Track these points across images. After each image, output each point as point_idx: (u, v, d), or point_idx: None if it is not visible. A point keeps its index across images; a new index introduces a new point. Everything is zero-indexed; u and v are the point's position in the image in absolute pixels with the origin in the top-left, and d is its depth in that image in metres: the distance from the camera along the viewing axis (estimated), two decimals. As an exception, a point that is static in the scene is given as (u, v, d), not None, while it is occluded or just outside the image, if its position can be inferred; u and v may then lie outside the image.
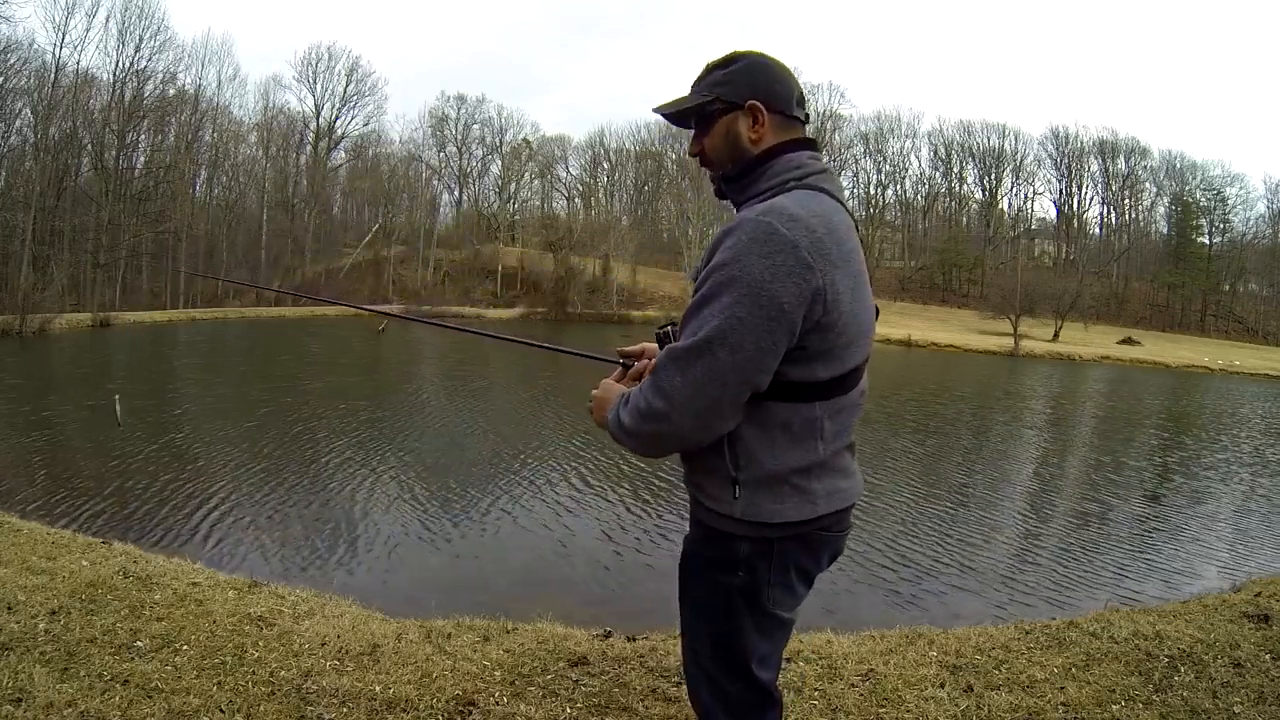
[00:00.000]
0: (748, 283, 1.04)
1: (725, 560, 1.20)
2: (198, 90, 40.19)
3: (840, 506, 1.21)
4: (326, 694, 2.09)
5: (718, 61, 1.24)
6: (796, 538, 1.19)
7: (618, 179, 59.61)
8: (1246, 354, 37.98)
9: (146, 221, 35.57)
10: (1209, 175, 53.75)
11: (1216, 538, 6.92)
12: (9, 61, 30.43)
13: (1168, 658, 2.50)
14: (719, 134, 1.22)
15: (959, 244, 54.42)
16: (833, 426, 1.17)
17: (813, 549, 1.23)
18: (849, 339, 1.13)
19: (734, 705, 1.25)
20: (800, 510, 1.16)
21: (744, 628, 1.22)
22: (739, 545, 1.18)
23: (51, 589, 2.71)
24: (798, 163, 1.18)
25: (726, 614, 1.22)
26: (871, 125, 55.66)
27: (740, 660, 1.23)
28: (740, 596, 1.20)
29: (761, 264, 1.03)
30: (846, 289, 1.09)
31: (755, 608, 1.21)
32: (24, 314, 21.03)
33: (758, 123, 1.19)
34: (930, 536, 6.33)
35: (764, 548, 1.18)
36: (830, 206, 1.13)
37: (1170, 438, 13.12)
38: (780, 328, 1.05)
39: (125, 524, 5.66)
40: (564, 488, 7.37)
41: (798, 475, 1.15)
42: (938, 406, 15.46)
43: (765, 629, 1.24)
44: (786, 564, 1.20)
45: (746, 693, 1.25)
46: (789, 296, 1.04)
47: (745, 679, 1.24)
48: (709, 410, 1.09)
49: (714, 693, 1.27)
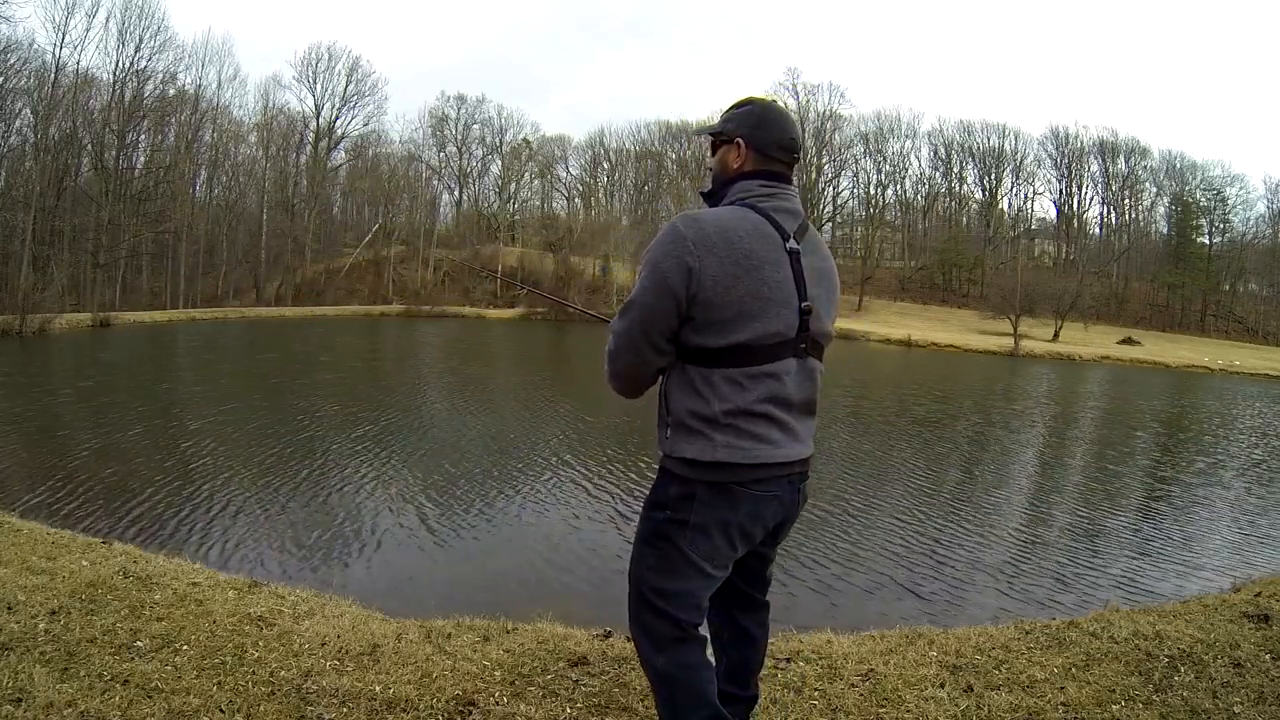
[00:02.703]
0: (651, 261, 1.43)
1: (658, 501, 1.50)
2: (198, 90, 40.27)
3: (739, 461, 1.42)
4: (326, 694, 2.09)
5: (735, 103, 1.60)
6: (713, 486, 1.43)
7: (618, 179, 59.65)
8: (1247, 354, 37.99)
9: (146, 221, 35.59)
10: (1209, 175, 53.82)
11: (1216, 538, 6.92)
12: (9, 61, 30.47)
13: (1168, 658, 2.50)
14: (718, 158, 1.60)
15: (959, 244, 54.41)
16: (731, 391, 1.42)
17: (730, 500, 1.44)
18: (728, 316, 1.40)
19: (654, 636, 1.49)
20: (701, 451, 1.42)
21: (662, 564, 1.48)
22: (670, 487, 1.48)
23: (51, 589, 2.71)
24: (746, 188, 1.52)
25: (652, 548, 1.50)
26: (871, 125, 55.69)
27: (658, 595, 1.48)
28: (663, 534, 1.48)
29: (660, 249, 1.43)
30: (723, 274, 1.39)
31: (674, 546, 1.46)
32: (24, 314, 21.01)
33: (739, 155, 1.54)
34: (930, 536, 6.33)
35: (687, 491, 1.45)
36: (740, 215, 1.45)
37: (1170, 438, 13.12)
38: (666, 294, 1.40)
39: (125, 524, 5.65)
40: (564, 488, 7.37)
41: (699, 422, 1.43)
42: (937, 406, 15.46)
43: (679, 568, 1.47)
44: (705, 508, 1.44)
45: (661, 625, 1.48)
46: (671, 273, 1.40)
47: (665, 616, 1.48)
48: (633, 350, 1.47)
49: (642, 630, 1.52)
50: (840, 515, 6.76)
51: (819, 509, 6.75)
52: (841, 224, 57.53)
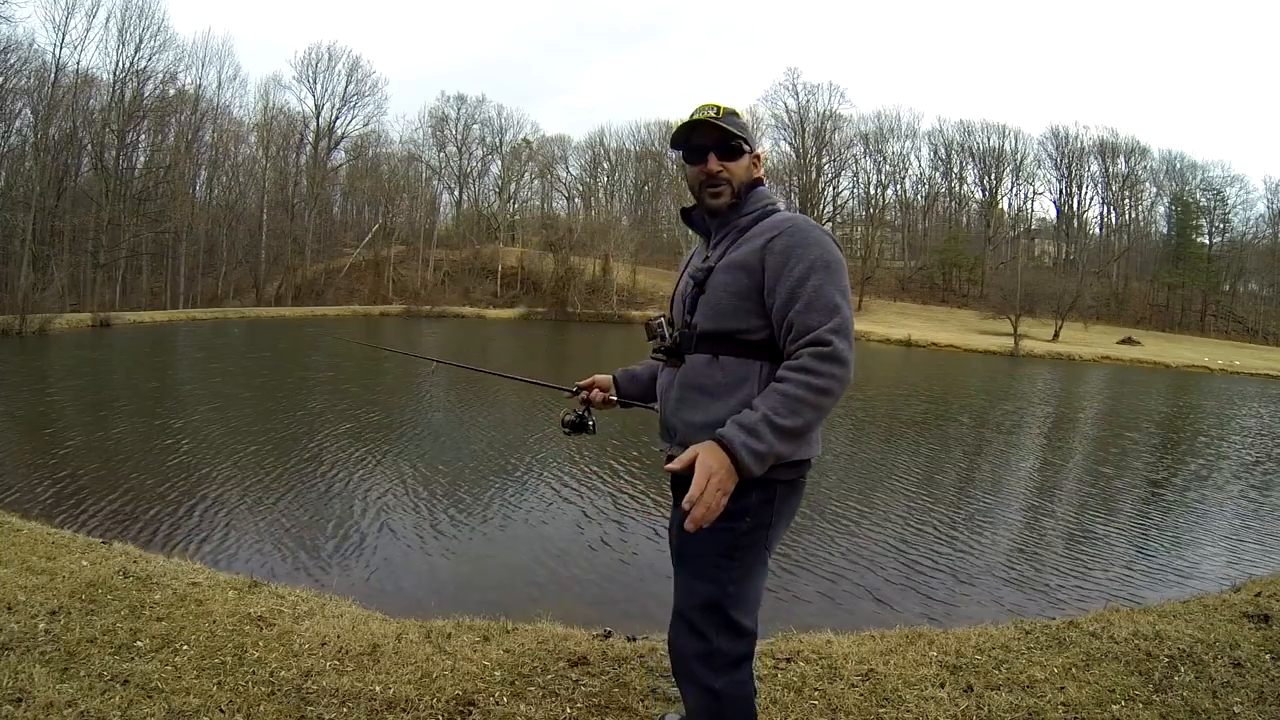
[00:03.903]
0: (840, 263, 1.44)
1: (737, 510, 1.39)
2: (198, 90, 40.32)
3: (815, 455, 1.51)
4: (326, 694, 2.09)
5: (735, 113, 1.60)
6: (789, 484, 1.48)
7: (618, 179, 59.67)
8: (1247, 354, 37.99)
9: (146, 221, 35.59)
10: (1209, 175, 53.86)
11: (1217, 538, 6.92)
12: (9, 61, 30.47)
13: (1168, 658, 2.50)
14: (743, 165, 1.60)
15: (959, 244, 54.42)
16: None
17: (799, 495, 1.54)
18: None
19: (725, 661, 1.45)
20: (810, 450, 1.48)
21: (741, 578, 1.46)
22: (750, 494, 1.41)
23: (51, 589, 2.71)
24: (767, 194, 1.63)
25: (734, 560, 1.45)
26: (871, 125, 55.72)
27: (738, 606, 1.46)
28: (745, 545, 1.45)
29: (837, 249, 1.46)
30: None
31: (757, 551, 1.47)
32: (24, 314, 21.03)
33: (756, 165, 1.64)
34: (930, 536, 6.33)
35: (767, 495, 1.44)
36: None
37: (1170, 438, 13.12)
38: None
39: (125, 524, 5.65)
40: (564, 488, 7.36)
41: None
42: (937, 406, 15.45)
43: (756, 573, 1.48)
44: (784, 508, 1.50)
45: (742, 646, 1.47)
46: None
47: (741, 634, 1.46)
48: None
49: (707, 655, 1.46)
50: (840, 515, 6.76)
51: (819, 509, 6.75)
52: (841, 224, 57.51)
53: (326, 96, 48.94)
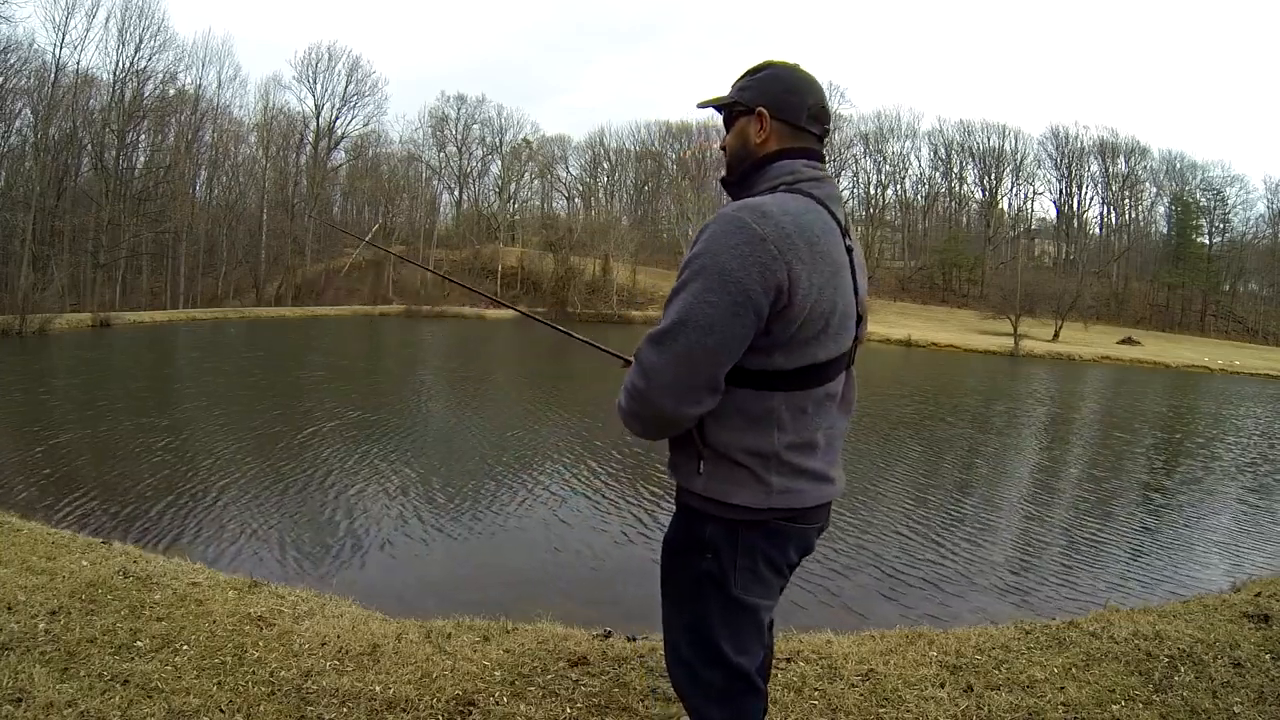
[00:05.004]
0: (717, 271, 1.11)
1: (695, 543, 1.26)
2: (198, 90, 40.34)
3: (795, 505, 1.23)
4: (326, 694, 2.09)
5: (750, 69, 1.33)
6: (757, 525, 1.23)
7: (618, 179, 59.65)
8: (1247, 354, 37.98)
9: (146, 221, 35.60)
10: (1209, 175, 53.84)
11: (1216, 538, 6.92)
12: (9, 61, 30.50)
13: (1168, 658, 2.50)
14: (735, 134, 1.31)
15: (959, 244, 54.41)
16: (793, 421, 1.21)
17: (777, 539, 1.26)
18: (811, 333, 1.18)
19: (715, 693, 1.29)
20: (754, 498, 1.20)
21: (713, 612, 1.26)
22: (706, 527, 1.25)
23: (51, 589, 2.71)
24: (791, 169, 1.25)
25: (696, 599, 1.27)
26: (871, 125, 55.73)
27: (713, 646, 1.27)
28: (709, 581, 1.26)
29: (731, 254, 1.11)
30: (812, 284, 1.14)
31: (723, 592, 1.25)
32: (24, 314, 21.02)
33: (762, 128, 1.27)
34: (930, 536, 6.33)
35: (729, 530, 1.23)
36: (807, 207, 1.19)
37: (1170, 438, 13.11)
38: (747, 313, 1.11)
39: (125, 524, 5.65)
40: (564, 489, 7.36)
41: (752, 459, 1.20)
42: (937, 406, 15.45)
43: (733, 614, 1.27)
44: (752, 550, 1.24)
45: (725, 680, 1.28)
46: (755, 285, 1.10)
47: (722, 665, 1.28)
48: (683, 387, 1.14)
49: (694, 682, 1.31)
50: (840, 515, 6.76)
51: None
52: (842, 224, 57.40)
53: (326, 96, 49.03)
